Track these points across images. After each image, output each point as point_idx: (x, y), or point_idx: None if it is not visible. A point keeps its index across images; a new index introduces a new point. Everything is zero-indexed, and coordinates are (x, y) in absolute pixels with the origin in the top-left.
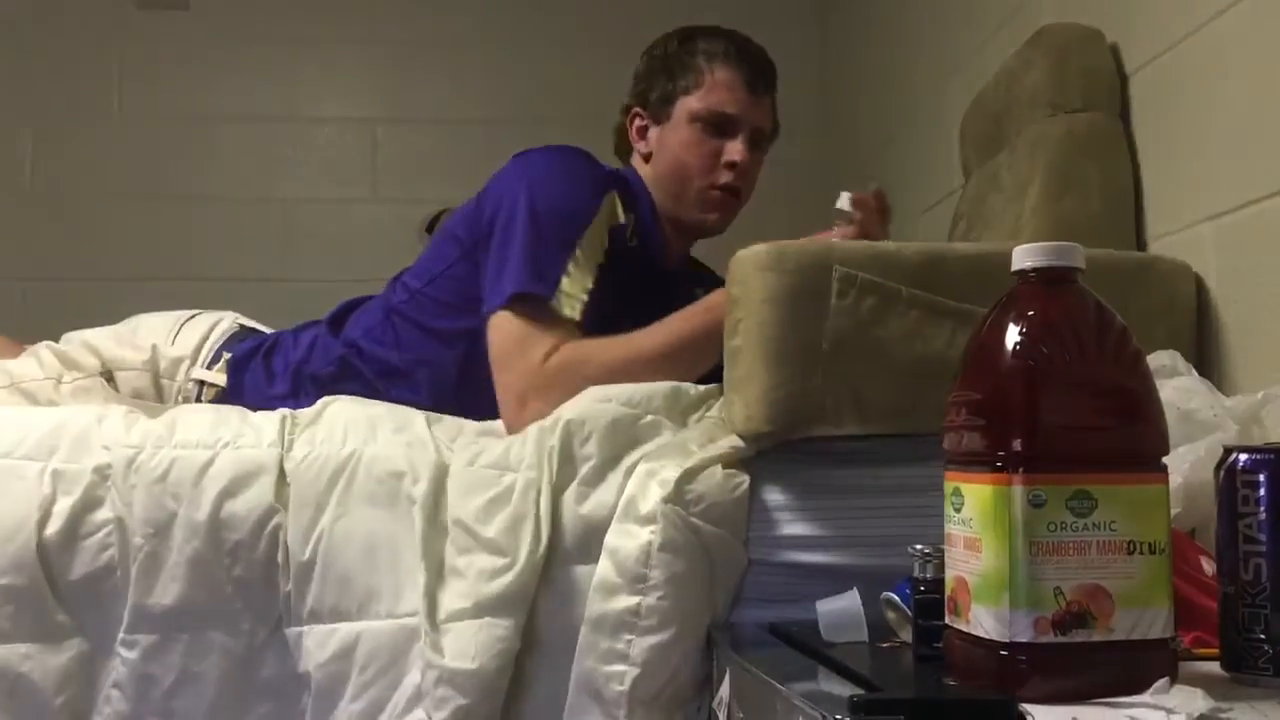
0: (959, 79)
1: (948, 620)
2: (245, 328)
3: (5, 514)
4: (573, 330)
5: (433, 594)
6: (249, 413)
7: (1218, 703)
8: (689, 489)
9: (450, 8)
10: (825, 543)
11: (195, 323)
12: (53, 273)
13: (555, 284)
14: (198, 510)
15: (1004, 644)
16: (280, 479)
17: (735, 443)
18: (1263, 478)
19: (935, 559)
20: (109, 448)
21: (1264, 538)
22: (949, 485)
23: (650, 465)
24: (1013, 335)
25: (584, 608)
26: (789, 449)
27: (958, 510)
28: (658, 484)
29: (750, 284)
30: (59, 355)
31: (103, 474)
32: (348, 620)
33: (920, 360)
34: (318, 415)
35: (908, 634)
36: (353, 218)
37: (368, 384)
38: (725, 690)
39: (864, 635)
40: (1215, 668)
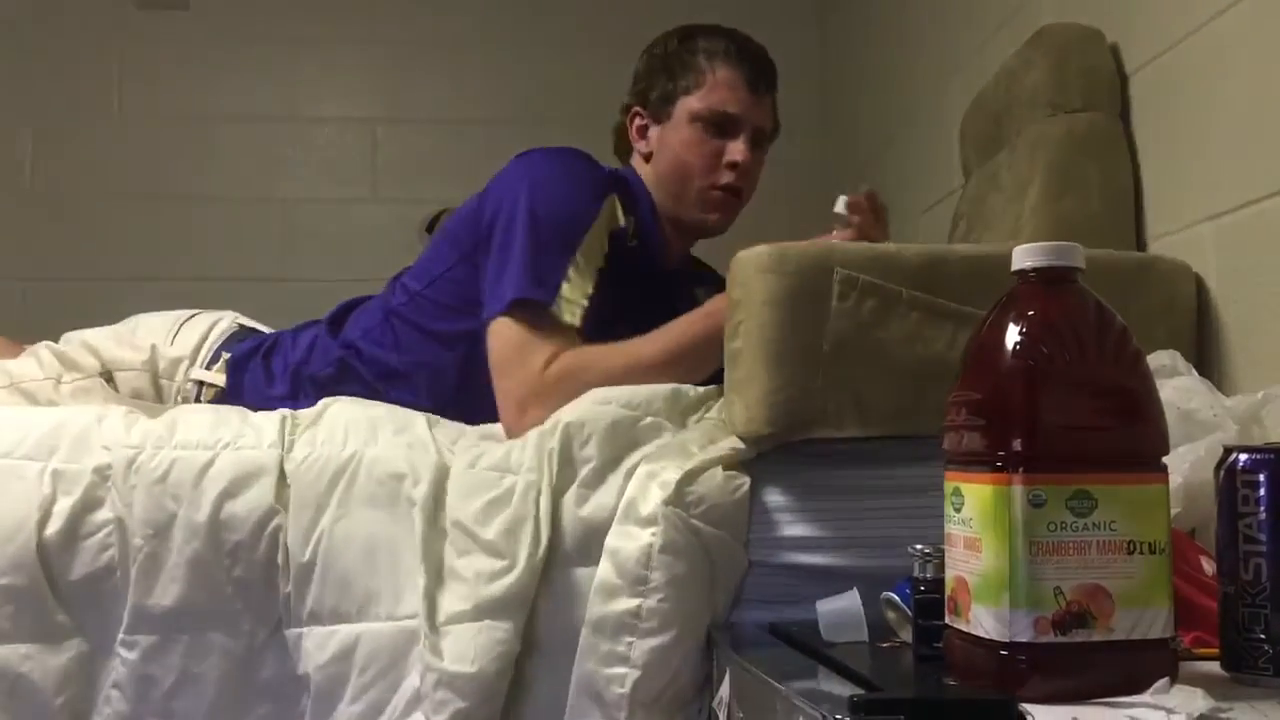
0: (959, 79)
1: (948, 620)
2: (245, 328)
3: (5, 514)
4: (573, 337)
5: (432, 596)
6: (249, 413)
7: (1218, 703)
8: (689, 491)
9: (450, 8)
10: (826, 544)
11: (194, 323)
12: (53, 273)
13: (556, 289)
14: (198, 511)
15: (1004, 644)
16: (280, 480)
17: (736, 444)
18: (1263, 478)
19: (935, 559)
20: (109, 448)
21: (1264, 538)
22: (949, 485)
23: (651, 467)
24: (1013, 335)
25: (584, 610)
26: (789, 450)
27: (958, 510)
28: (658, 486)
29: (751, 286)
30: (59, 355)
31: (103, 474)
32: (347, 622)
33: (921, 362)
34: (318, 416)
35: (908, 634)
36: (353, 218)
37: (367, 385)
38: (725, 690)
39: (864, 635)
40: (1215, 668)
